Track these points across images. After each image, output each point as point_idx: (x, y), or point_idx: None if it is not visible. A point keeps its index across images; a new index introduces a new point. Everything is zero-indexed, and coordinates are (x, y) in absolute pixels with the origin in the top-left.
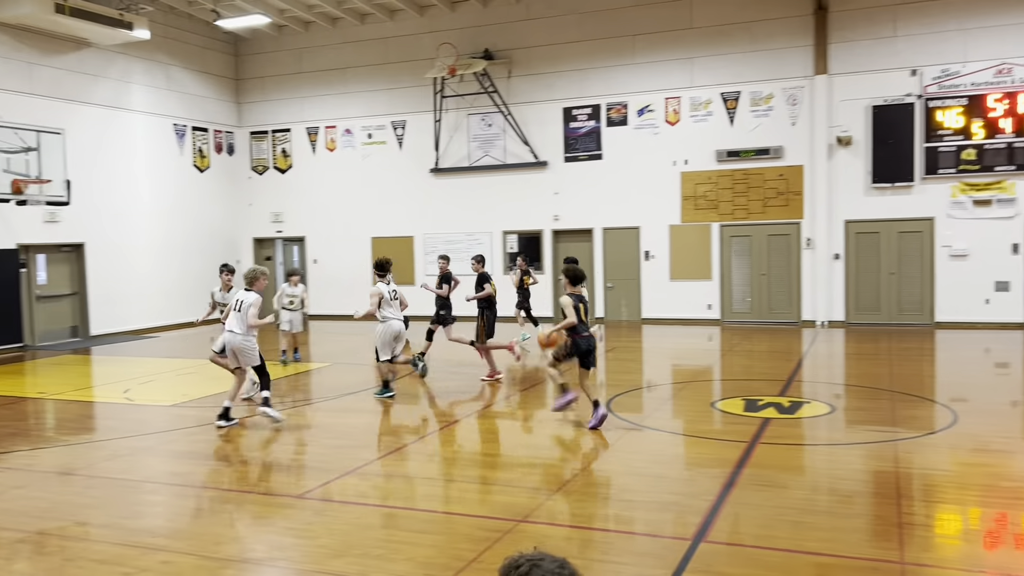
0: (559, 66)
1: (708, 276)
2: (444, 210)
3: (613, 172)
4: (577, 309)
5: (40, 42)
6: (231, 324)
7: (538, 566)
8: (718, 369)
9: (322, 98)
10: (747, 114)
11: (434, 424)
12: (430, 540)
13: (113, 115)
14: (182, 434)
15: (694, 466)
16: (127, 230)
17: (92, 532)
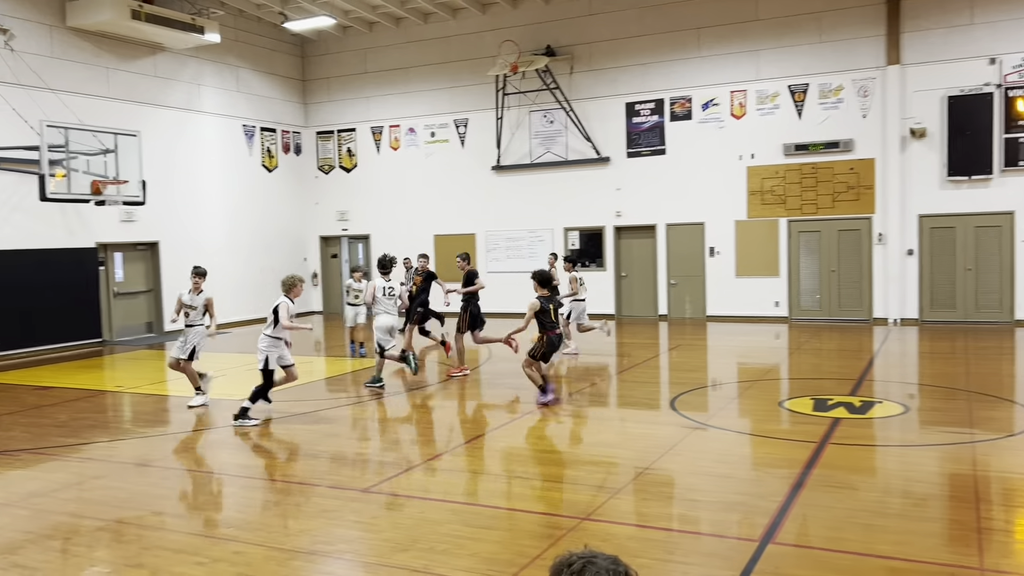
0: (621, 61)
1: (775, 272)
2: (505, 207)
3: (677, 167)
4: (546, 311)
5: (118, 48)
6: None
7: (592, 563)
8: (786, 368)
9: (386, 98)
10: (816, 107)
11: (497, 420)
12: (494, 536)
13: (186, 117)
14: (251, 428)
15: (761, 466)
16: (198, 229)
17: (167, 522)
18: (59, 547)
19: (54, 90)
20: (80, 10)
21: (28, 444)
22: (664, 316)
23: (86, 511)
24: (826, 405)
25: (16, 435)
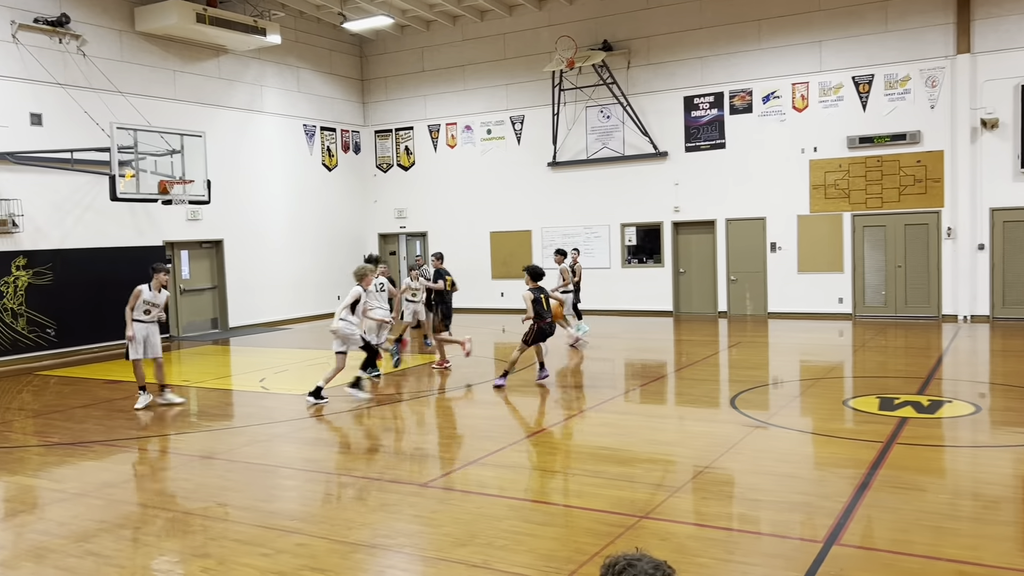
0: (679, 54)
1: (839, 268)
2: (562, 203)
3: (737, 161)
4: (538, 301)
5: (183, 51)
6: (342, 313)
7: (633, 566)
8: (850, 365)
9: (442, 96)
10: (881, 98)
11: (554, 417)
12: (552, 533)
13: (248, 117)
14: (313, 422)
15: (825, 466)
16: (261, 227)
17: (232, 513)
18: (130, 536)
19: (123, 93)
20: (148, 15)
21: (100, 436)
22: (724, 313)
23: (155, 501)
24: (892, 404)
25: (89, 427)
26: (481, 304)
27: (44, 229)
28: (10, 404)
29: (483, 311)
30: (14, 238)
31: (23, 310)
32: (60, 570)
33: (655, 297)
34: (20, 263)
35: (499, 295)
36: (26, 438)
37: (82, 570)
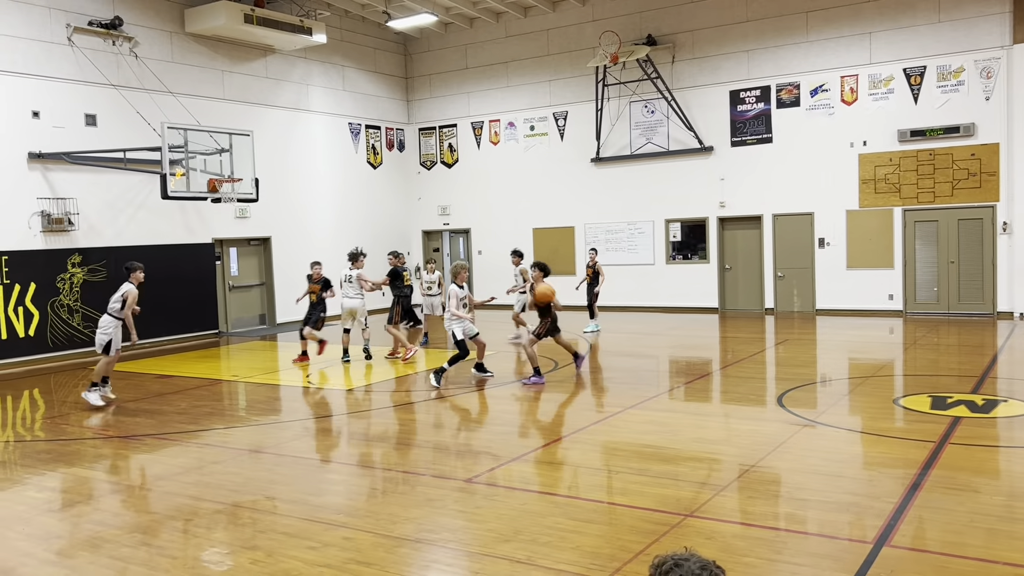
0: (725, 48)
1: (889, 264)
2: (605, 200)
3: (784, 155)
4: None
5: (231, 51)
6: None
7: (680, 565)
8: (900, 363)
9: (486, 92)
10: (933, 90)
11: (598, 414)
12: (596, 530)
13: (295, 116)
14: (359, 417)
15: (875, 466)
16: (307, 224)
17: (280, 507)
18: (181, 527)
19: (174, 93)
20: (198, 16)
21: (152, 430)
22: (771, 310)
23: (205, 494)
24: (945, 403)
25: (141, 421)
26: None
27: (98, 227)
28: (66, 398)
29: None
30: (70, 236)
31: (78, 306)
32: (114, 559)
33: (700, 293)
34: (75, 260)
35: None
36: (81, 431)
37: (136, 560)
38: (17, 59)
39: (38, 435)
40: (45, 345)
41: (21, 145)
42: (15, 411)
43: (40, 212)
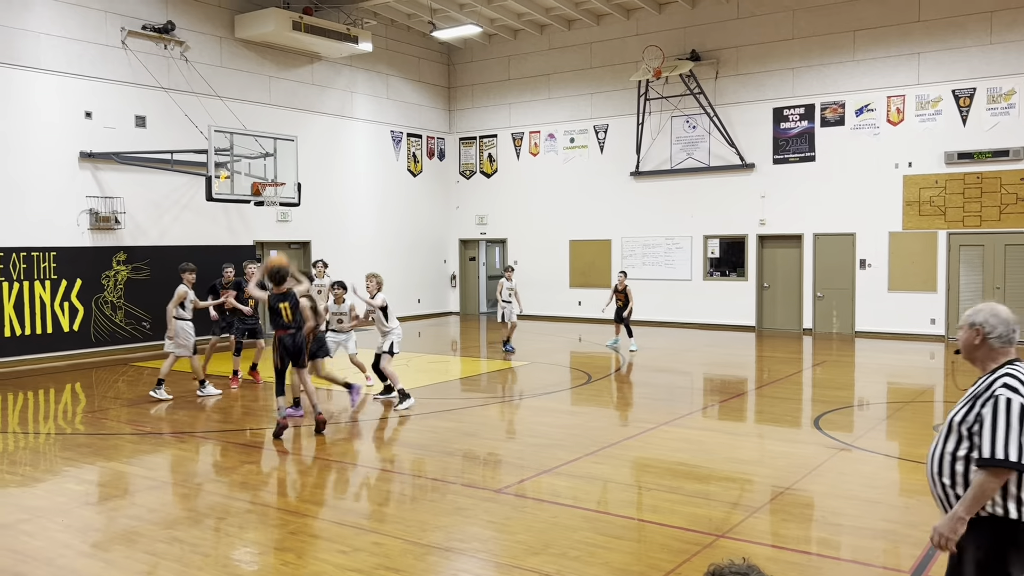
0: (769, 65)
1: (932, 288)
2: (643, 214)
3: (827, 175)
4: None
5: (279, 57)
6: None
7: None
8: (941, 390)
9: (527, 104)
10: (983, 112)
11: (630, 430)
12: (626, 546)
13: (338, 123)
14: (392, 422)
15: (912, 493)
16: (347, 230)
17: (311, 509)
18: (214, 525)
19: (221, 97)
20: (247, 22)
21: (189, 428)
22: (809, 330)
23: (238, 493)
24: None
25: (179, 418)
26: (558, 312)
27: (144, 226)
28: (106, 393)
29: (560, 319)
30: (116, 234)
31: (121, 303)
32: (148, 554)
33: (737, 311)
34: (120, 258)
35: (576, 304)
36: (120, 426)
37: (169, 555)
38: (73, 61)
39: (78, 428)
40: (88, 340)
41: (73, 144)
42: (57, 404)
43: (88, 210)
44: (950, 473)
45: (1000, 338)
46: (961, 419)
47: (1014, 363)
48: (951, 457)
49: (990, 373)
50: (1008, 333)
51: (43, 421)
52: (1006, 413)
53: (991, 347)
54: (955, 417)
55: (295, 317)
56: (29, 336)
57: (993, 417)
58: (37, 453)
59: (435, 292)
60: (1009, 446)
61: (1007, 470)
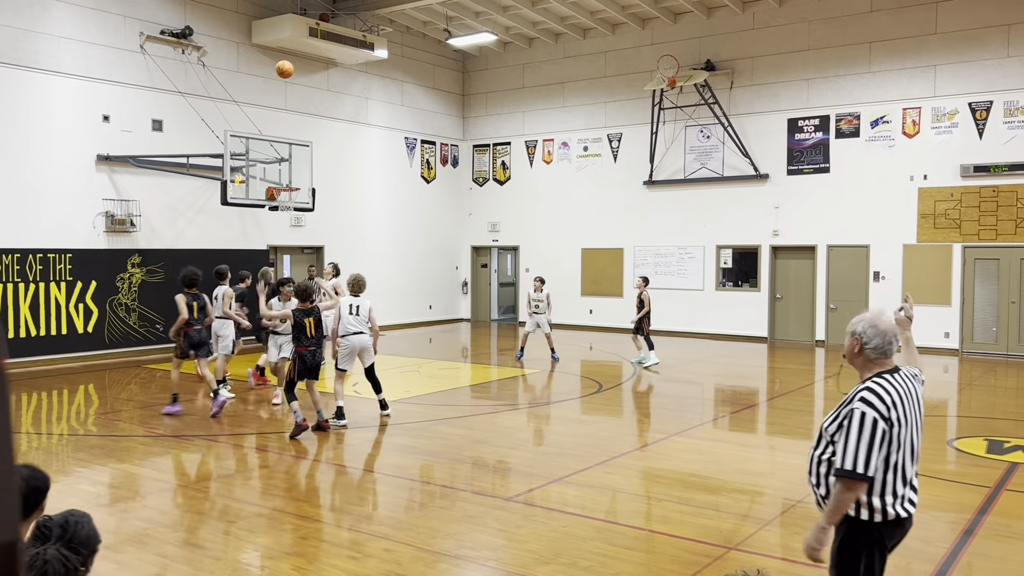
0: (785, 76)
1: (947, 301)
2: (656, 223)
3: (841, 186)
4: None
5: (295, 63)
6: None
7: None
8: (955, 404)
9: (541, 112)
10: (1000, 125)
11: (641, 440)
12: (636, 557)
13: (353, 129)
14: (403, 428)
15: (926, 508)
16: (360, 235)
17: (322, 514)
18: (224, 529)
19: (238, 102)
20: (264, 28)
21: (201, 431)
22: (821, 342)
23: (250, 497)
24: (1002, 448)
25: (191, 421)
26: (570, 320)
27: (158, 229)
28: (119, 395)
29: (572, 327)
30: (131, 237)
31: (135, 305)
32: (159, 556)
33: (749, 322)
34: (135, 261)
35: (588, 312)
36: (132, 428)
37: (180, 558)
38: (92, 64)
39: (91, 430)
40: (102, 342)
41: (91, 147)
42: (71, 405)
43: (104, 213)
44: (815, 474)
45: (875, 349)
46: (828, 425)
47: (884, 374)
48: (817, 460)
49: (862, 383)
50: (883, 345)
51: (56, 422)
52: (859, 426)
53: (867, 357)
54: (824, 423)
55: (316, 333)
56: (44, 337)
57: (848, 429)
58: (50, 454)
59: (447, 298)
60: (858, 459)
61: (857, 481)
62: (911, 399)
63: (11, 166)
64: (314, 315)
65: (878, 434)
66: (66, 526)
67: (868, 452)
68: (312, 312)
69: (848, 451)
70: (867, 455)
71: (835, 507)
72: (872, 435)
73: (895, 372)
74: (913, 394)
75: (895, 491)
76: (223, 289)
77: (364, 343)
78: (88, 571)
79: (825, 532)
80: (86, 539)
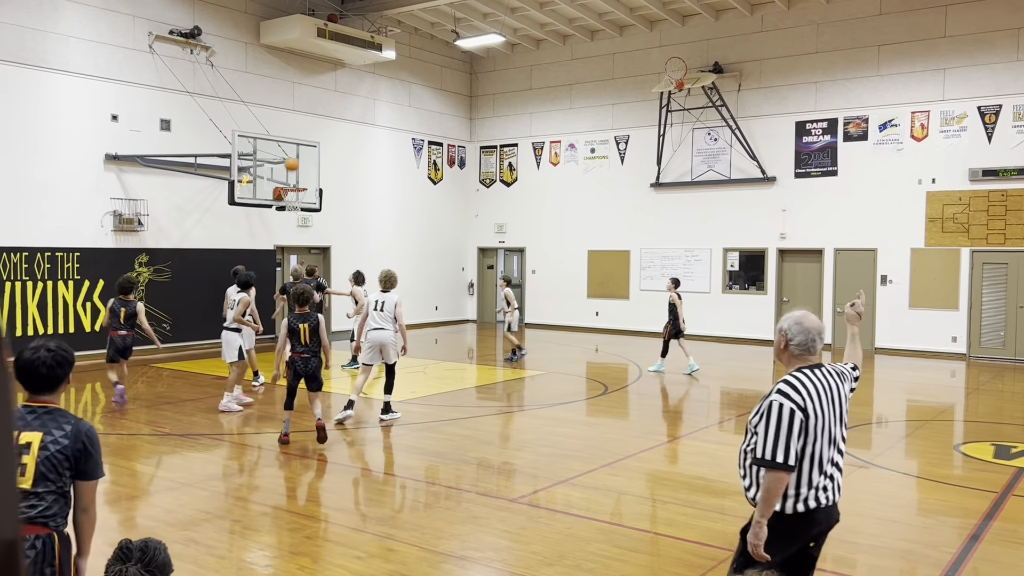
0: (793, 78)
1: (954, 306)
2: (662, 225)
3: (849, 189)
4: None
5: (303, 64)
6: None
7: None
8: (962, 408)
9: (548, 113)
10: (1009, 129)
11: (646, 442)
12: (641, 560)
13: (360, 130)
14: (408, 429)
15: (931, 513)
16: (367, 236)
17: (328, 514)
18: (230, 528)
19: (245, 102)
20: (273, 28)
21: (208, 430)
22: (828, 345)
23: (255, 496)
24: (1009, 453)
25: (197, 420)
26: (575, 323)
27: (166, 229)
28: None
29: (577, 329)
30: (139, 236)
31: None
32: None
33: (756, 325)
34: (143, 260)
35: (594, 314)
36: (139, 426)
37: (185, 557)
38: (101, 64)
39: (97, 427)
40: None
41: (99, 146)
42: (77, 403)
43: (112, 212)
44: (741, 464)
45: (799, 346)
46: (752, 418)
47: (804, 369)
48: (743, 453)
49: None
50: (806, 342)
51: None
52: (777, 417)
53: (792, 353)
54: (750, 416)
55: (312, 340)
56: (51, 335)
57: (766, 420)
58: None
59: (453, 299)
60: (777, 448)
61: (778, 470)
62: (829, 393)
63: (20, 165)
64: (310, 321)
65: (795, 424)
66: (146, 550)
67: (787, 441)
68: (307, 318)
69: (768, 441)
70: (785, 444)
71: (763, 499)
72: (790, 425)
73: (817, 367)
74: (833, 388)
75: (811, 481)
76: (240, 295)
77: (383, 339)
78: None
79: (761, 527)
80: (163, 564)
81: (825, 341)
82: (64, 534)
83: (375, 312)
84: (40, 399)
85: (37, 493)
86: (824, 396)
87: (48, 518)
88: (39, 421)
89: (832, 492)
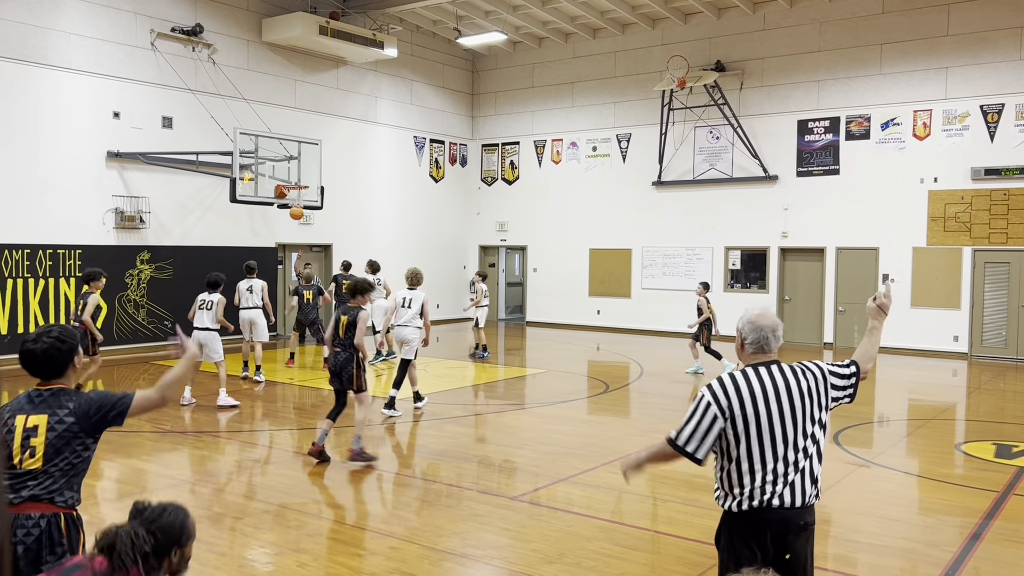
0: (795, 77)
1: (956, 305)
2: (664, 224)
3: (850, 188)
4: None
5: (304, 61)
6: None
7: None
8: (963, 408)
9: (550, 112)
10: (1011, 128)
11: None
12: (641, 558)
13: (362, 127)
14: (409, 426)
15: (932, 512)
16: (368, 234)
17: (328, 511)
18: (231, 525)
19: (247, 100)
20: (275, 26)
21: (208, 427)
22: (829, 344)
23: (256, 494)
24: (1010, 452)
25: (198, 418)
26: (577, 321)
27: (168, 226)
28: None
29: (579, 327)
30: (140, 233)
31: (144, 302)
32: None
33: None
34: (144, 257)
35: (595, 312)
36: (140, 424)
37: None
38: (103, 61)
39: None
40: (111, 338)
41: (101, 144)
42: None
43: (114, 209)
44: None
45: (752, 344)
46: None
47: (751, 367)
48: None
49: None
50: (758, 340)
51: None
52: (695, 406)
53: (747, 352)
54: None
55: (346, 335)
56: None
57: (691, 408)
58: None
59: (454, 298)
60: (683, 432)
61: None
62: (777, 391)
63: (22, 162)
64: (349, 315)
65: (707, 417)
66: (156, 509)
67: (693, 430)
68: (348, 311)
69: (682, 424)
70: (691, 433)
71: (649, 454)
72: (702, 417)
73: (768, 365)
74: (785, 386)
75: (752, 481)
76: (216, 297)
77: (403, 336)
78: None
79: (637, 462)
80: (168, 527)
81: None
82: (73, 513)
83: (402, 309)
84: (49, 384)
85: (45, 471)
86: (770, 395)
87: (54, 493)
88: (45, 404)
89: (791, 495)
